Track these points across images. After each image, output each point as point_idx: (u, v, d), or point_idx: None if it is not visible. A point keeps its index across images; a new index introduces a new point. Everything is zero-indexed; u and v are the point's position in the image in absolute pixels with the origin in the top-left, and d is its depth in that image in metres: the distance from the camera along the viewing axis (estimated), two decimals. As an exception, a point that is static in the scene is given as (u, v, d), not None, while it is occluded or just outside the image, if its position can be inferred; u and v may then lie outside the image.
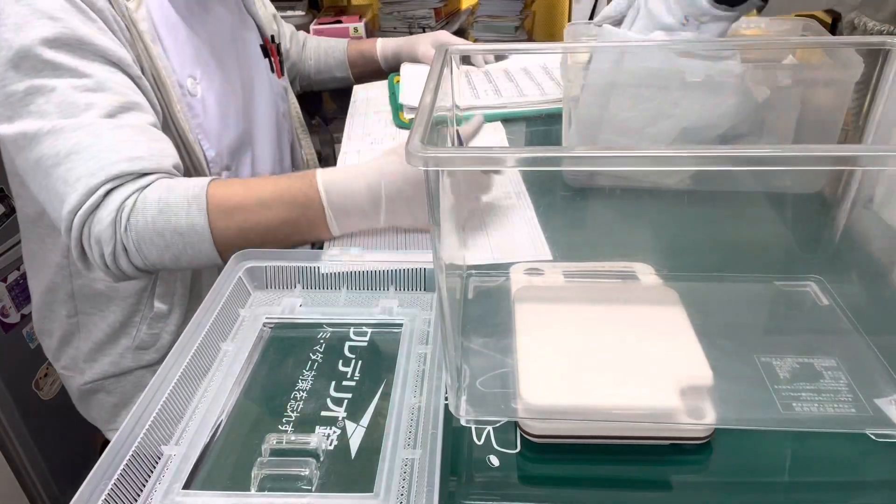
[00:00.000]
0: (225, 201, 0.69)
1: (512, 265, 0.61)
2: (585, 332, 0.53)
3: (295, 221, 0.70)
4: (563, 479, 0.47)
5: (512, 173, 0.81)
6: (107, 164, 0.68)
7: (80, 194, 0.67)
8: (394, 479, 0.43)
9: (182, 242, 0.68)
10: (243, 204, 0.69)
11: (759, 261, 0.59)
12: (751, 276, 0.58)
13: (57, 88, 0.68)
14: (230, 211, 0.69)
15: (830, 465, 0.46)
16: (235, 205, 0.69)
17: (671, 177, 0.56)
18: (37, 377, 1.38)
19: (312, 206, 0.70)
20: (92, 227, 0.68)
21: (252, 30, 1.03)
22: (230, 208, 0.69)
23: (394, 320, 0.58)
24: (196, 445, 0.46)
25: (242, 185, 0.71)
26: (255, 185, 0.72)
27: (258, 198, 0.70)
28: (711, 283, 0.59)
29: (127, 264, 0.70)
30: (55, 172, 0.68)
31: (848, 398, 0.48)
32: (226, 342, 0.56)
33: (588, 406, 0.48)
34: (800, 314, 0.39)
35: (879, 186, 0.57)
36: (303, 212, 0.70)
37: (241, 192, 0.70)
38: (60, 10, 0.69)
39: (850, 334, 0.54)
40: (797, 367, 0.50)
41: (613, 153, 0.38)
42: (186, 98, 0.82)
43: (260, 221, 0.69)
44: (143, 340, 0.89)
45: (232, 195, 0.70)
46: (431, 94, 0.44)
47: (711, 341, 0.49)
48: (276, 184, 0.71)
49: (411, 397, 0.50)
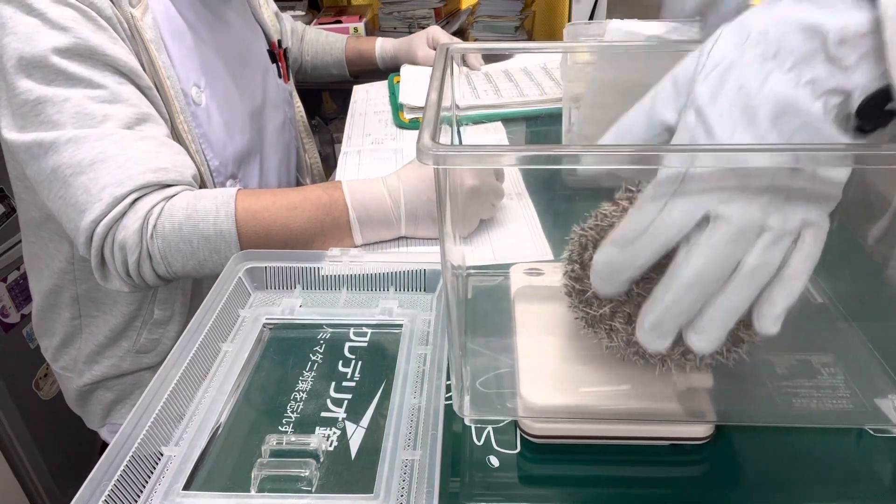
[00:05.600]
0: (252, 206, 0.70)
1: (512, 265, 0.61)
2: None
3: (319, 225, 0.70)
4: (563, 480, 0.47)
5: (512, 173, 0.81)
6: (134, 174, 0.68)
7: (106, 203, 0.67)
8: (394, 480, 0.43)
9: (208, 248, 0.69)
10: (270, 207, 0.70)
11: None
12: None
13: (71, 98, 0.68)
14: (256, 214, 0.69)
15: (830, 466, 0.46)
16: (262, 207, 0.70)
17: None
18: (37, 377, 1.38)
19: (337, 207, 0.70)
20: (116, 234, 0.68)
21: (259, 35, 1.03)
22: (256, 211, 0.69)
23: (394, 321, 0.58)
24: (196, 446, 0.46)
25: (271, 193, 0.72)
26: (283, 192, 0.73)
27: (285, 202, 0.71)
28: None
29: (150, 272, 0.70)
30: (76, 182, 0.68)
31: (846, 394, 0.48)
32: (226, 343, 0.56)
33: (588, 406, 0.48)
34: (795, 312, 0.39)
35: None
36: (327, 213, 0.70)
37: (268, 198, 0.71)
38: (72, 21, 0.69)
39: (845, 331, 0.54)
40: (795, 364, 0.50)
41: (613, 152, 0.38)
42: (191, 107, 0.82)
43: (286, 224, 0.70)
44: (143, 345, 0.89)
45: (259, 200, 0.71)
46: (437, 91, 0.44)
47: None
48: (304, 190, 0.73)
49: (411, 398, 0.50)
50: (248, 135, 0.93)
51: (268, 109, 1.00)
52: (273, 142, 1.01)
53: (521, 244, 0.71)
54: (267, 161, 0.99)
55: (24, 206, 0.86)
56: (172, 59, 0.80)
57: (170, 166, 0.71)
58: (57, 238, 0.85)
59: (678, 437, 0.47)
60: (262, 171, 0.98)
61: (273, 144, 1.01)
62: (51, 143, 0.68)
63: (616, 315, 0.45)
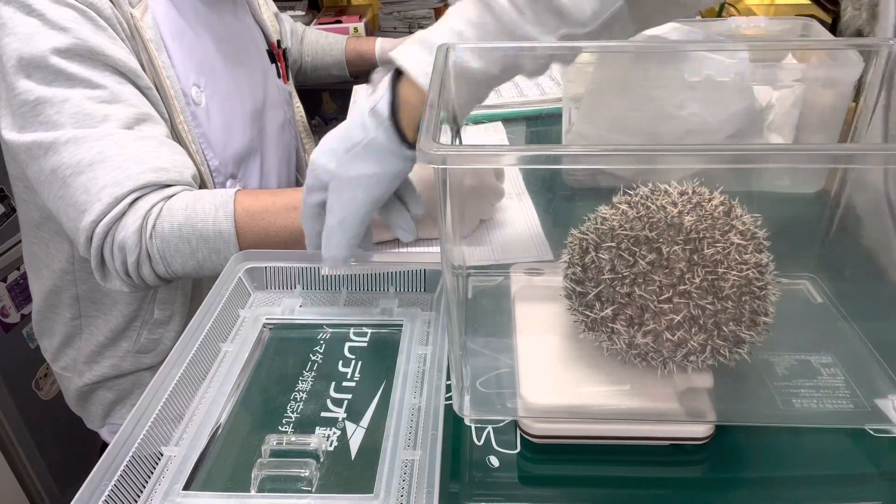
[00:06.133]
0: (251, 206, 0.69)
1: (512, 265, 0.61)
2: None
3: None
4: (563, 480, 0.47)
5: (512, 173, 0.81)
6: (133, 174, 0.68)
7: (105, 203, 0.67)
8: (394, 480, 0.43)
9: (207, 249, 0.69)
10: (269, 208, 0.70)
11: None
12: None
13: (70, 99, 0.68)
14: (256, 214, 0.69)
15: (830, 466, 0.46)
16: (261, 208, 0.70)
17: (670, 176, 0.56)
18: (37, 377, 1.38)
19: None
20: (116, 234, 0.68)
21: (259, 36, 1.03)
22: (256, 212, 0.69)
23: (393, 321, 0.58)
24: (196, 446, 0.46)
25: (270, 193, 0.72)
26: (283, 192, 0.72)
27: (284, 203, 0.70)
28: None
29: (149, 272, 0.70)
30: (75, 182, 0.68)
31: (846, 394, 0.48)
32: (226, 343, 0.56)
33: (588, 406, 0.48)
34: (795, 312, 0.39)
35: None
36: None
37: (268, 199, 0.71)
38: (71, 21, 0.69)
39: (844, 332, 0.54)
40: (795, 364, 0.50)
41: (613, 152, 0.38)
42: (190, 107, 0.82)
43: (286, 225, 0.69)
44: (143, 345, 0.89)
45: (258, 200, 0.70)
46: (436, 91, 0.44)
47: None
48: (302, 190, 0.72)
49: (411, 398, 0.50)
50: (248, 135, 0.93)
51: (268, 109, 1.00)
52: (273, 142, 1.01)
53: (521, 244, 0.71)
54: (267, 161, 0.99)
55: (24, 207, 0.86)
56: (172, 59, 0.80)
57: (169, 166, 0.71)
58: (57, 238, 0.85)
59: (678, 437, 0.47)
60: (262, 172, 0.98)
61: (273, 144, 1.01)
62: (50, 143, 0.68)
63: (618, 317, 0.45)
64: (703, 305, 0.42)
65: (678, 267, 0.42)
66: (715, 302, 0.42)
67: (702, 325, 0.43)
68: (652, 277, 0.43)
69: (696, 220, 0.43)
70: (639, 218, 0.44)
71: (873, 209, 0.58)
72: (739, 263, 0.43)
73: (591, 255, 0.45)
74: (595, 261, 0.45)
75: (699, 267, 0.42)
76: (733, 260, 0.43)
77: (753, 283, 0.43)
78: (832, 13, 1.26)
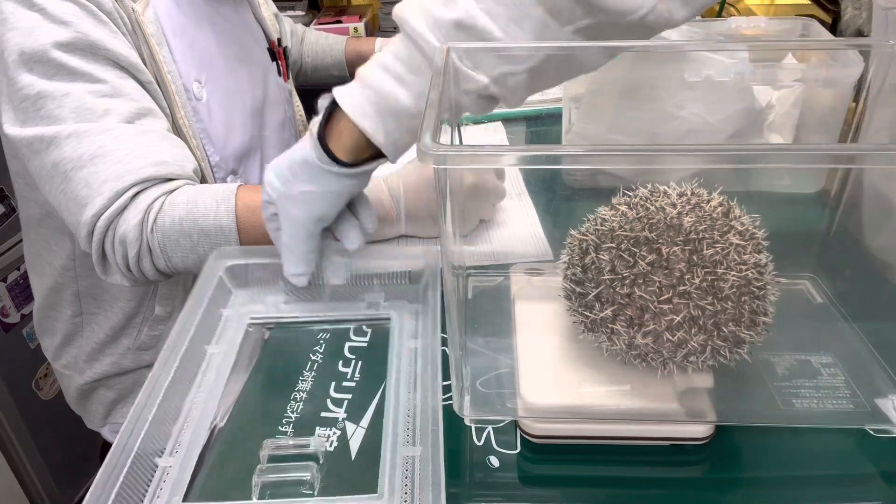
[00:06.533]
0: (252, 201, 0.69)
1: (512, 265, 0.61)
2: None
3: None
4: (563, 480, 0.47)
5: (512, 173, 0.81)
6: (134, 168, 0.68)
7: (107, 198, 0.67)
8: (396, 478, 0.43)
9: (208, 243, 0.69)
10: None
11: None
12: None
13: (71, 93, 0.68)
14: (257, 209, 0.69)
15: (830, 466, 0.46)
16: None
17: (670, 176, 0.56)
18: (37, 377, 1.38)
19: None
20: (117, 228, 0.68)
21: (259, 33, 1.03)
22: (257, 207, 0.69)
23: (381, 315, 0.57)
24: (191, 456, 0.45)
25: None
26: None
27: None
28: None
29: (150, 267, 0.70)
30: (76, 176, 0.68)
31: (846, 394, 0.48)
32: (210, 345, 0.55)
33: (588, 406, 0.48)
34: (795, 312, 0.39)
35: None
36: None
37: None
38: (72, 15, 0.69)
39: (844, 332, 0.54)
40: (795, 364, 0.50)
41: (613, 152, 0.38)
42: (192, 102, 0.82)
43: None
44: (143, 341, 0.90)
45: (260, 196, 0.70)
46: (437, 90, 0.44)
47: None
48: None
49: (406, 394, 0.49)
50: (249, 131, 0.93)
51: (268, 107, 1.00)
52: (273, 139, 1.01)
53: (521, 244, 0.71)
54: (267, 158, 0.99)
55: (24, 204, 0.86)
56: (174, 54, 0.80)
57: (170, 160, 0.71)
58: (58, 235, 0.85)
59: (678, 437, 0.47)
60: (263, 168, 0.98)
61: (273, 142, 1.01)
62: (52, 137, 0.68)
63: (618, 318, 0.45)
64: (702, 306, 0.42)
65: (678, 268, 0.42)
66: (715, 302, 0.42)
67: (702, 326, 0.43)
68: (652, 278, 0.43)
69: (695, 220, 0.43)
70: (638, 219, 0.44)
71: (873, 209, 0.58)
72: (738, 264, 0.43)
73: (591, 255, 0.45)
74: (595, 261, 0.45)
75: (699, 267, 0.42)
76: (732, 260, 0.43)
77: (753, 284, 0.43)
78: (832, 13, 1.26)
